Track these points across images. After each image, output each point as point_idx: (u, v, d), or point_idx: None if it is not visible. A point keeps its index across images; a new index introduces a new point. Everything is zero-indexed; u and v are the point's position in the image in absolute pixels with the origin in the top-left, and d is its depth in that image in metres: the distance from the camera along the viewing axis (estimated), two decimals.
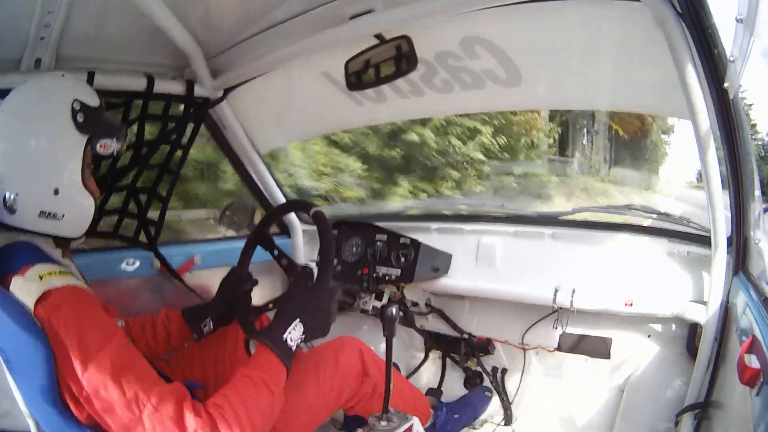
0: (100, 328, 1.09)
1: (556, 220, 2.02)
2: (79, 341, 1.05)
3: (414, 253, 2.03)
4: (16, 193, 1.19)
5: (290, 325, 1.24)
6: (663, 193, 11.65)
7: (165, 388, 1.08)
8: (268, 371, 1.18)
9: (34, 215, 1.21)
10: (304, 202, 1.62)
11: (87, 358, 1.04)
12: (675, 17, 1.14)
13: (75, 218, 1.28)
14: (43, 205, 1.21)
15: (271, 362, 1.20)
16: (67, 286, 1.12)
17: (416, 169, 7.59)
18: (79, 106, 1.25)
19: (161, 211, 1.99)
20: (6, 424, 1.50)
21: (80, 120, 1.25)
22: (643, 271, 1.73)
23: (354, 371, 1.54)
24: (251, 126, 2.21)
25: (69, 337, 1.05)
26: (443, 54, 1.63)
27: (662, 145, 15.69)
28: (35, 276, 1.11)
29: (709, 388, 1.47)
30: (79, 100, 1.26)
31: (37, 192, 1.21)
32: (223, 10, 1.67)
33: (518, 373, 2.07)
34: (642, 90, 1.55)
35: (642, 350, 1.81)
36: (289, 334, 1.23)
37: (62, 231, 1.26)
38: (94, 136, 1.27)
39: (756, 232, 1.42)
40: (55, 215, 1.23)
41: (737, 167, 1.32)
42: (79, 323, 1.07)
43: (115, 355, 1.07)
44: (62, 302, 1.08)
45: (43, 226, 1.23)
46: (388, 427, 1.20)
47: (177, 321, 1.59)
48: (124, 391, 1.04)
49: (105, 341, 1.07)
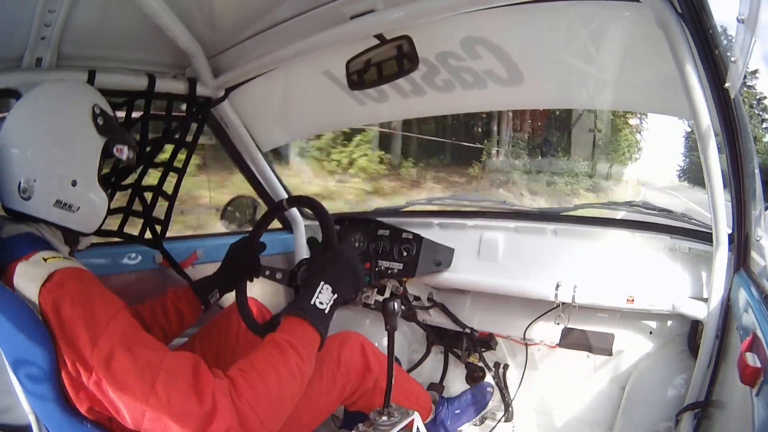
0: (107, 303, 1.09)
1: (557, 216, 2.02)
2: (86, 316, 1.04)
3: (416, 247, 2.03)
4: (34, 179, 1.21)
5: (316, 289, 1.22)
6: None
7: (178, 354, 1.07)
8: (295, 333, 1.16)
9: (49, 204, 1.24)
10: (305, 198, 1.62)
11: (97, 332, 1.02)
12: (675, 18, 1.14)
13: (88, 213, 1.32)
14: (60, 194, 1.24)
15: (300, 327, 1.18)
16: (72, 267, 1.12)
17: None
18: (99, 111, 1.32)
19: (167, 209, 2.00)
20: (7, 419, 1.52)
21: (100, 123, 1.31)
22: (644, 267, 1.73)
23: (356, 366, 1.55)
24: (253, 124, 2.22)
25: (76, 314, 1.04)
26: (444, 54, 1.63)
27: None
28: (40, 259, 1.12)
29: (709, 386, 1.48)
30: (99, 105, 1.32)
31: (56, 180, 1.24)
32: (225, 10, 1.66)
33: (520, 368, 2.08)
34: (643, 90, 1.54)
35: (643, 347, 1.82)
36: (317, 298, 1.21)
37: (74, 224, 1.29)
38: (111, 140, 1.34)
39: (757, 230, 1.42)
40: (71, 206, 1.26)
41: (738, 165, 1.32)
42: (86, 299, 1.07)
43: (124, 325, 1.06)
44: (68, 280, 1.08)
45: (56, 216, 1.25)
46: (389, 422, 1.18)
47: (186, 296, 1.60)
48: (137, 359, 1.01)
49: (113, 314, 1.07)
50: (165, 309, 1.58)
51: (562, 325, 1.90)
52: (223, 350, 1.64)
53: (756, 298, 1.19)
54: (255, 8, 1.62)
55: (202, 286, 1.63)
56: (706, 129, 1.29)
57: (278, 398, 1.07)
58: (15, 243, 1.18)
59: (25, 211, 1.23)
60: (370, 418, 1.21)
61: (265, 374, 1.07)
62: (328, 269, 1.27)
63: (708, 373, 1.50)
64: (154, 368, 1.01)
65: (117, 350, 1.01)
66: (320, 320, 1.19)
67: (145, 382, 0.99)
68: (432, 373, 2.30)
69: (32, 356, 1.06)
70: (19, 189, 1.21)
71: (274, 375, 1.07)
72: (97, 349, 1.01)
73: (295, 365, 1.11)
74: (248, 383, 1.04)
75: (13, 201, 1.23)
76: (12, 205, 1.23)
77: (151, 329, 1.54)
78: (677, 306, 1.60)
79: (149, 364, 1.01)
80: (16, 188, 1.21)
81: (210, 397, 0.99)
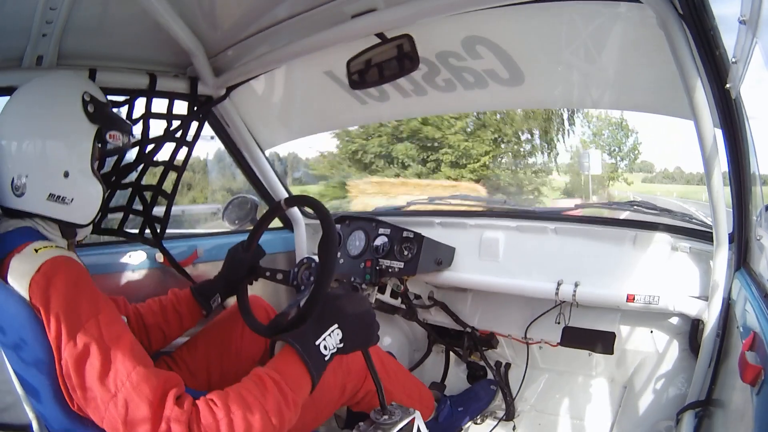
0: (91, 300, 1.07)
1: (558, 216, 2.03)
2: (68, 309, 1.03)
3: (417, 246, 2.02)
4: (26, 174, 1.20)
5: (326, 330, 1.12)
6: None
7: (152, 370, 1.02)
8: (285, 373, 1.07)
9: (42, 198, 1.22)
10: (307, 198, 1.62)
11: (75, 327, 1.01)
12: (676, 18, 1.14)
13: (83, 203, 1.30)
14: (52, 188, 1.23)
15: (293, 365, 1.08)
16: (62, 255, 1.11)
17: None
18: (89, 98, 1.30)
19: (167, 208, 2.00)
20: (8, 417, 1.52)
21: (91, 110, 1.29)
22: (645, 266, 1.73)
23: (358, 367, 1.54)
24: (254, 123, 2.22)
25: (59, 304, 1.03)
26: (445, 53, 1.64)
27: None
28: (31, 251, 1.11)
29: (710, 385, 1.48)
30: (89, 92, 1.30)
31: (47, 174, 1.23)
32: (226, 8, 1.66)
33: (521, 367, 2.08)
34: (644, 90, 1.54)
35: (644, 346, 1.82)
36: (323, 340, 1.11)
37: (70, 216, 1.28)
38: (104, 127, 1.32)
39: (758, 229, 1.42)
40: (64, 199, 1.25)
41: (739, 165, 1.32)
42: (70, 291, 1.06)
43: (103, 326, 1.03)
44: (56, 270, 1.07)
45: (51, 210, 1.24)
46: (390, 420, 1.18)
47: (186, 299, 1.60)
48: (108, 364, 0.99)
49: (95, 313, 1.05)
50: (164, 311, 1.57)
51: (563, 323, 1.90)
52: (227, 349, 1.63)
53: (757, 297, 1.19)
54: (256, 7, 1.61)
55: (203, 291, 1.61)
56: (707, 129, 1.29)
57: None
58: (9, 237, 1.18)
59: (20, 208, 1.22)
60: (371, 417, 1.20)
61: (236, 411, 0.98)
62: (348, 313, 1.17)
63: (709, 372, 1.49)
64: (120, 378, 0.98)
65: (92, 350, 1.00)
66: (318, 366, 1.10)
67: (108, 390, 0.98)
68: (433, 372, 2.30)
69: (30, 354, 1.06)
70: (12, 186, 1.21)
71: (245, 414, 0.99)
72: (72, 343, 1.01)
73: (273, 408, 1.02)
74: (213, 417, 0.97)
75: (6, 199, 1.22)
76: (6, 203, 1.23)
77: (150, 329, 1.54)
78: (678, 305, 1.60)
79: (116, 372, 0.99)
80: (9, 185, 1.21)
81: (165, 423, 0.96)
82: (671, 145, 16.28)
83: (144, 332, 1.53)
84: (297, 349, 1.08)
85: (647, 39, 1.31)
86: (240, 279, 1.60)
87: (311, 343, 1.10)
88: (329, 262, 1.28)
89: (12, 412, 1.44)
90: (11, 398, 1.26)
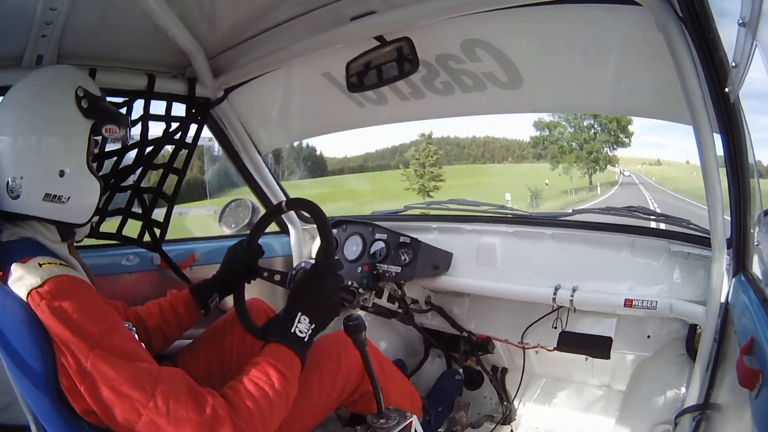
0: (102, 315, 1.10)
1: (555, 221, 2.03)
2: (83, 326, 1.04)
3: (414, 251, 2.03)
4: (20, 176, 1.19)
5: (294, 319, 1.27)
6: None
7: (170, 369, 1.12)
8: (277, 356, 1.22)
9: (38, 198, 1.20)
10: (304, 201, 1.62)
11: (93, 341, 1.04)
12: (676, 21, 1.15)
13: (80, 202, 1.27)
14: (48, 188, 1.21)
15: (281, 351, 1.23)
16: (67, 275, 1.11)
17: None
18: (83, 93, 1.27)
19: (167, 211, 1.99)
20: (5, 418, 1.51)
21: (85, 106, 1.26)
22: (642, 271, 1.73)
23: (355, 368, 1.54)
24: (252, 125, 2.22)
25: (70, 326, 1.04)
26: (444, 56, 1.64)
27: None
28: (35, 264, 1.10)
29: (708, 389, 1.47)
30: (82, 87, 1.27)
31: (42, 174, 1.21)
32: (225, 10, 1.67)
33: (518, 372, 2.08)
34: (642, 94, 1.55)
35: (642, 350, 1.82)
36: (296, 327, 1.26)
37: (67, 216, 1.26)
38: (99, 121, 1.29)
39: (756, 234, 1.42)
40: (61, 198, 1.23)
41: (737, 170, 1.32)
42: (79, 312, 1.06)
43: (119, 340, 1.08)
44: (62, 290, 1.07)
45: (47, 211, 1.22)
46: (387, 424, 1.18)
47: (185, 300, 1.60)
48: (134, 369, 1.05)
49: (110, 326, 1.08)
50: (163, 312, 1.57)
51: (559, 328, 1.89)
52: (228, 352, 1.63)
53: (754, 301, 1.19)
54: (255, 9, 1.62)
55: (200, 290, 1.61)
56: (706, 133, 1.29)
57: (268, 416, 1.14)
58: (13, 248, 1.17)
59: (16, 211, 1.20)
60: (368, 420, 1.20)
61: (255, 393, 1.13)
62: (306, 301, 1.31)
63: (706, 377, 1.49)
64: (152, 378, 1.05)
65: (114, 360, 1.04)
66: (300, 347, 1.26)
67: (144, 391, 1.03)
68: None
69: (29, 357, 1.06)
70: (7, 189, 1.19)
71: (262, 394, 1.14)
72: (94, 356, 1.03)
73: (280, 386, 1.17)
74: (241, 401, 1.11)
75: (2, 202, 1.20)
76: (2, 206, 1.21)
77: (150, 331, 1.54)
78: (675, 310, 1.59)
79: (148, 374, 1.05)
80: (4, 188, 1.19)
81: (210, 409, 1.05)
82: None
83: (146, 335, 1.53)
84: (277, 340, 1.25)
85: (646, 42, 1.31)
86: (238, 278, 1.60)
87: (288, 332, 1.26)
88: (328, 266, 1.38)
89: (10, 412, 1.43)
90: (8, 398, 1.25)
